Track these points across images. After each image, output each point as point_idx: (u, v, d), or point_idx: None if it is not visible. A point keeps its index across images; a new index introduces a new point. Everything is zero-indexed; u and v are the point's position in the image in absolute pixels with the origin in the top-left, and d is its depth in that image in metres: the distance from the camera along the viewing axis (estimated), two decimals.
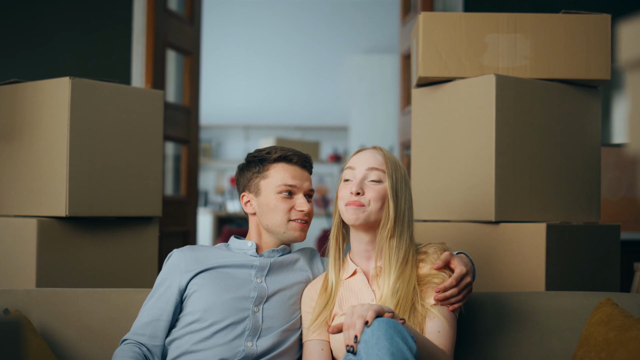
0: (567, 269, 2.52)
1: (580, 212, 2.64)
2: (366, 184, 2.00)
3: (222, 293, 2.07)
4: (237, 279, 2.12)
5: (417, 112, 2.80)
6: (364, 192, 1.99)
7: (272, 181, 2.19)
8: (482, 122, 2.54)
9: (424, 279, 1.98)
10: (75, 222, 2.62)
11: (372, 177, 1.99)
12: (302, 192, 2.18)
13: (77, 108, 2.59)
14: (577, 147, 2.66)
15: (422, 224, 2.76)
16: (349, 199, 1.99)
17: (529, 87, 2.57)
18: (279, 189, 2.17)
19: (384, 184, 1.99)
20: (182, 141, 5.32)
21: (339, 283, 2.07)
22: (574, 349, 2.13)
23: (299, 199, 2.17)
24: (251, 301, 2.08)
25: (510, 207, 2.51)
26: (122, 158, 2.73)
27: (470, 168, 2.58)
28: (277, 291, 2.13)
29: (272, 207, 2.18)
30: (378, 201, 1.98)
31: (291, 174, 2.18)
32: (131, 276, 2.76)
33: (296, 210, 2.17)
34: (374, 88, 8.66)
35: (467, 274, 1.96)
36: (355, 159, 2.05)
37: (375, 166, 2.00)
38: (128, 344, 2.06)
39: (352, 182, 2.02)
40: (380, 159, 2.02)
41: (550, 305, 2.23)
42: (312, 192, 2.24)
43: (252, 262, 2.16)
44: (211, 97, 9.00)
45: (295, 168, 2.20)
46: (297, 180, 2.18)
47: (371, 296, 2.02)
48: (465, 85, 2.61)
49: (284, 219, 2.17)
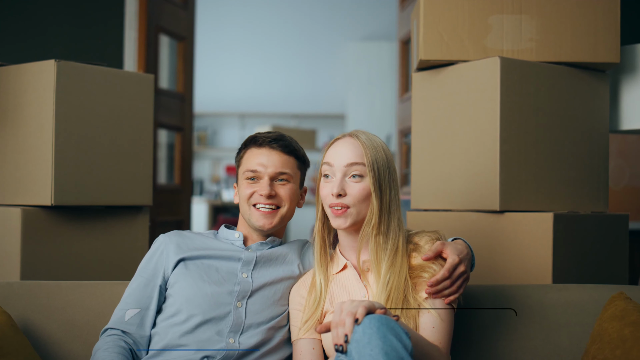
0: (575, 260, 2.43)
1: (588, 200, 2.56)
2: (347, 182, 1.88)
3: (204, 286, 1.97)
4: (221, 271, 2.02)
5: (418, 97, 2.70)
6: (346, 192, 1.87)
7: (242, 168, 2.10)
8: (485, 106, 2.44)
9: (415, 272, 1.87)
10: (61, 211, 2.53)
11: (353, 172, 1.88)
12: (267, 176, 2.04)
13: (63, 92, 2.49)
14: (584, 133, 2.57)
15: (422, 213, 2.67)
16: (331, 201, 1.88)
17: (534, 70, 2.48)
18: (244, 175, 2.08)
19: (365, 179, 1.87)
20: (176, 128, 5.25)
21: (328, 280, 1.97)
22: (584, 345, 2.03)
23: (262, 184, 2.04)
24: (234, 295, 1.98)
25: (515, 196, 2.41)
26: (111, 144, 2.64)
27: (473, 155, 2.48)
28: (263, 286, 2.02)
29: (241, 195, 2.09)
30: (362, 201, 1.87)
31: (257, 159, 2.06)
32: (120, 268, 2.66)
33: (257, 194, 2.05)
34: (371, 76, 8.58)
35: (460, 262, 1.86)
36: (333, 153, 1.92)
37: (355, 161, 1.87)
38: (112, 335, 1.95)
39: (331, 181, 1.90)
40: (359, 151, 1.88)
41: (558, 298, 2.14)
42: (283, 174, 2.07)
43: (238, 255, 2.06)
44: (206, 85, 8.94)
45: (263, 151, 2.07)
46: (261, 164, 2.04)
47: (363, 291, 1.93)
48: (468, 68, 2.51)
49: (247, 204, 2.07)
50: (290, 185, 2.08)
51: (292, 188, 2.08)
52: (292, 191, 2.08)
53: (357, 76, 8.65)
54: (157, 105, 4.77)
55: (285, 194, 2.06)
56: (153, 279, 2.02)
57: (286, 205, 2.07)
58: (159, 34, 4.91)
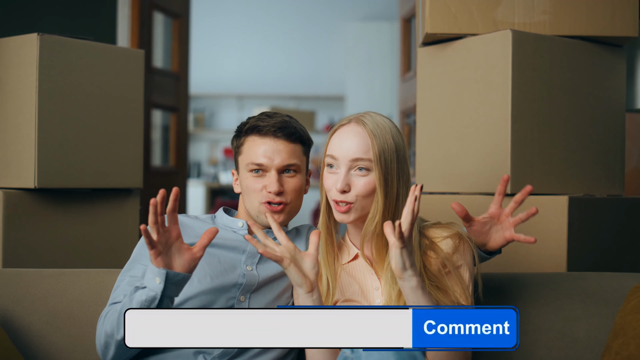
0: (591, 246, 2.31)
1: (604, 183, 2.44)
2: (352, 175, 1.74)
3: (205, 280, 1.81)
4: (225, 263, 1.86)
5: (423, 74, 2.56)
6: (350, 188, 1.74)
7: (244, 158, 1.92)
8: (496, 83, 2.31)
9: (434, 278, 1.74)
10: (45, 194, 2.40)
11: (359, 166, 1.74)
12: (274, 169, 1.87)
13: (47, 67, 2.36)
14: (599, 112, 2.45)
15: (427, 197, 2.53)
16: (335, 196, 1.75)
17: (548, 44, 2.34)
18: (248, 167, 1.90)
19: (372, 174, 1.74)
20: (171, 109, 5.14)
21: (336, 274, 1.83)
22: (604, 338, 1.90)
23: (270, 178, 1.88)
24: (238, 289, 1.83)
25: (528, 178, 2.27)
26: (98, 123, 2.51)
27: (483, 134, 2.35)
28: (269, 280, 1.88)
29: (245, 187, 1.92)
30: (367, 196, 1.74)
31: (261, 149, 1.88)
32: (109, 255, 2.54)
33: (266, 191, 1.88)
34: (371, 56, 8.45)
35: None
36: (337, 144, 1.77)
37: (360, 156, 1.73)
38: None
39: (335, 173, 1.76)
40: (366, 143, 1.74)
41: (575, 288, 2.00)
42: (292, 166, 1.89)
43: (243, 246, 1.90)
44: (204, 66, 8.81)
45: (266, 140, 1.89)
46: (267, 156, 1.87)
47: (376, 283, 1.80)
48: (478, 42, 2.37)
49: (255, 201, 1.90)
50: (298, 177, 1.91)
51: (300, 180, 1.91)
52: (300, 183, 1.91)
53: (357, 57, 8.51)
54: (152, 85, 4.68)
55: (293, 188, 1.90)
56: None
57: (294, 200, 1.91)
58: (153, 11, 4.80)
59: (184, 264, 1.61)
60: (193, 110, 9.00)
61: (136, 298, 1.61)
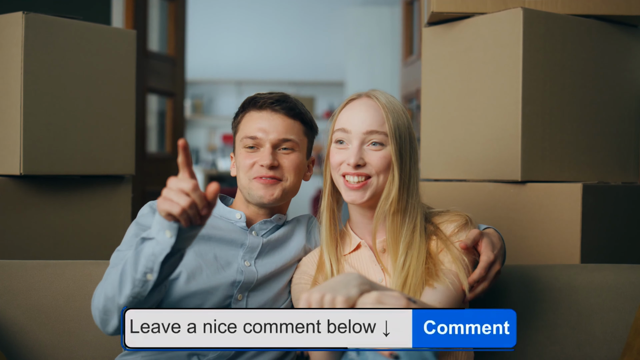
0: (605, 237, 2.20)
1: (618, 170, 2.34)
2: (366, 150, 1.64)
3: (201, 278, 1.69)
4: (221, 259, 1.74)
5: (429, 55, 2.46)
6: (365, 162, 1.63)
7: (239, 134, 1.82)
8: (506, 64, 2.21)
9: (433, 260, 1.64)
10: (31, 181, 2.30)
11: (373, 140, 1.64)
12: (268, 143, 1.76)
13: (33, 48, 2.26)
14: (613, 95, 2.34)
15: (432, 184, 2.43)
16: (346, 170, 1.64)
17: (561, 23, 2.23)
18: (242, 142, 1.79)
19: (387, 148, 1.64)
20: (167, 94, 5.05)
21: (339, 261, 1.72)
22: (621, 334, 1.81)
23: (263, 152, 1.76)
24: (236, 287, 1.72)
25: (539, 164, 2.18)
26: (87, 107, 2.40)
27: (492, 118, 2.25)
28: (268, 276, 1.76)
29: (239, 164, 1.81)
30: (383, 171, 1.64)
31: (257, 123, 1.77)
32: (99, 245, 2.43)
33: (257, 165, 1.77)
34: (371, 41, 8.40)
35: (495, 260, 1.63)
36: (349, 117, 1.67)
37: (375, 129, 1.63)
38: None
39: (347, 148, 1.65)
40: (380, 115, 1.64)
41: (590, 280, 1.90)
42: (288, 141, 1.78)
43: (242, 239, 1.78)
44: (202, 51, 8.77)
45: (263, 114, 1.78)
46: (262, 129, 1.76)
47: (379, 275, 1.69)
48: (487, 21, 2.26)
49: (246, 177, 1.79)
50: (296, 155, 1.79)
51: (297, 158, 1.79)
52: (297, 161, 1.79)
53: (357, 42, 8.45)
54: (147, 69, 4.58)
55: (290, 165, 1.78)
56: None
57: (290, 177, 1.78)
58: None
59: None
60: (191, 96, 8.96)
61: (145, 251, 1.46)
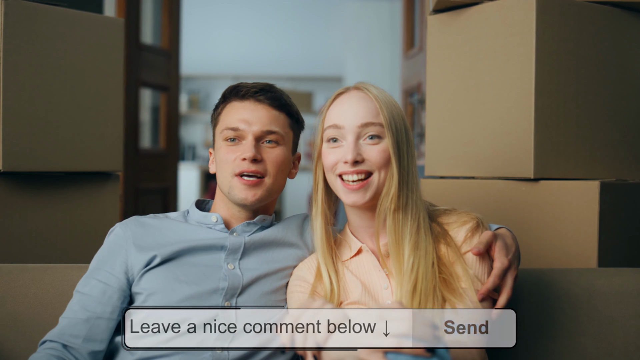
0: (624, 238, 2.09)
1: (637, 166, 2.24)
2: (362, 145, 1.53)
3: (182, 290, 1.58)
4: (202, 266, 1.63)
5: (434, 45, 2.35)
6: (364, 158, 1.52)
7: (219, 126, 1.70)
8: (517, 53, 2.10)
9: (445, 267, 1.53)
10: (12, 178, 2.20)
11: (370, 133, 1.53)
12: (251, 135, 1.64)
13: (13, 37, 2.15)
14: (632, 86, 2.24)
15: (438, 181, 2.33)
16: (344, 169, 1.53)
17: (576, 10, 2.13)
18: (223, 135, 1.68)
19: (384, 141, 1.53)
20: (161, 88, 4.97)
21: (338, 272, 1.60)
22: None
23: (245, 145, 1.65)
24: (221, 294, 1.60)
25: (553, 160, 2.08)
26: (72, 100, 2.30)
27: (502, 112, 2.14)
28: (256, 279, 1.64)
29: (219, 160, 1.69)
30: (382, 166, 1.53)
31: (239, 113, 1.66)
32: (84, 246, 2.31)
33: (239, 159, 1.65)
34: (370, 36, 8.37)
35: (510, 266, 1.51)
36: (340, 112, 1.55)
37: (370, 120, 1.53)
38: (48, 349, 1.56)
39: (341, 146, 1.54)
40: (373, 107, 1.54)
41: (610, 285, 1.79)
42: (272, 134, 1.66)
43: (221, 241, 1.66)
44: (198, 45, 8.74)
45: (246, 104, 1.67)
46: (244, 120, 1.65)
47: (384, 282, 1.57)
48: (497, 8, 2.16)
49: (226, 174, 1.67)
50: (280, 150, 1.68)
51: (282, 153, 1.68)
52: (282, 157, 1.68)
53: (356, 37, 8.41)
54: (140, 63, 4.49)
55: (273, 160, 1.66)
56: (111, 284, 1.62)
57: (273, 174, 1.67)
58: None
59: None
60: (188, 91, 8.93)
61: None
